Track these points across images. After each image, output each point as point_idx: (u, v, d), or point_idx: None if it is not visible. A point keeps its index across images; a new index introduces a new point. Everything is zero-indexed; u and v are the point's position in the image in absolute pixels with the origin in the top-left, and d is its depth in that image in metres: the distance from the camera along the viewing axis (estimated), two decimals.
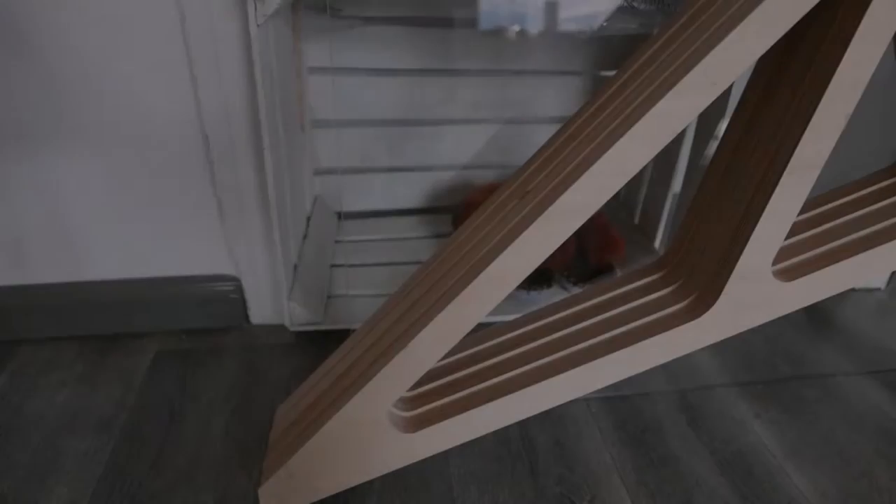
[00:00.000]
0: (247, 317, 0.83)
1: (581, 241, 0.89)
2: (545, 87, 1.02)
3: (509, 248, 0.43)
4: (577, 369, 0.50)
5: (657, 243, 0.96)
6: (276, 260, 0.74)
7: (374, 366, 0.48)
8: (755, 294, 0.49)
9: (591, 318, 0.54)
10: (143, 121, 0.68)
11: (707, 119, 0.81)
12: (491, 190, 0.53)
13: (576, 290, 0.83)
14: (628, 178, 0.43)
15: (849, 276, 0.50)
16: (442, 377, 0.53)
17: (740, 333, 0.51)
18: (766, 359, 0.79)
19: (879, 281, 1.01)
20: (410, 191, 1.09)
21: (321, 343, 0.80)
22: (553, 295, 0.83)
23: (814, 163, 0.45)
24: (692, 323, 0.49)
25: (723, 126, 0.74)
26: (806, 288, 0.50)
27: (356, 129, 1.03)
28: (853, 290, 0.99)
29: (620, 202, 1.09)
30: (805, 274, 0.49)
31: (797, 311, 0.51)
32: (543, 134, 0.49)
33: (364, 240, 1.02)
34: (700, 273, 0.52)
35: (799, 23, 0.41)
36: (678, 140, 0.86)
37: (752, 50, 0.40)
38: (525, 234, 0.43)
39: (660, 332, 0.50)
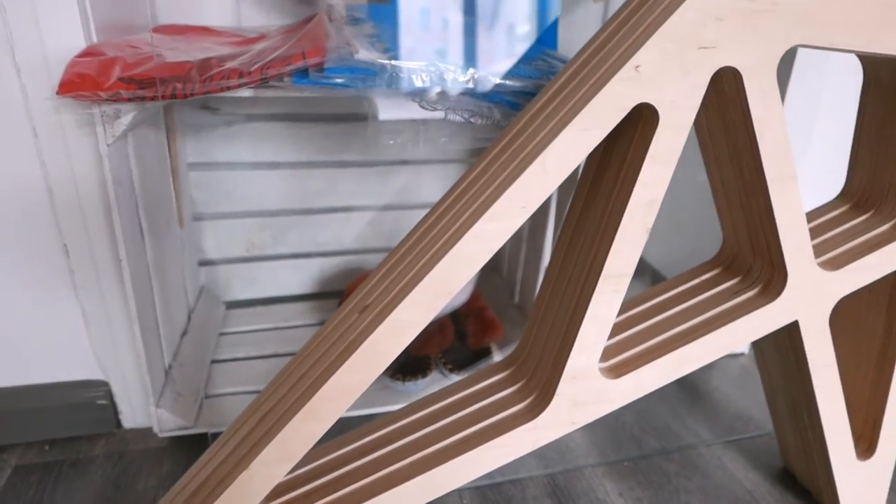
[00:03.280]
0: (118, 422, 0.80)
1: (459, 325, 0.91)
2: (424, 174, 1.06)
3: (344, 366, 0.45)
4: (430, 472, 0.51)
5: None
6: (141, 366, 0.73)
7: (219, 486, 0.48)
8: (586, 392, 0.52)
9: (444, 418, 0.56)
10: (1, 231, 0.66)
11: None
12: None
13: (454, 377, 0.85)
14: (452, 295, 0.46)
15: (672, 369, 0.54)
16: (296, 489, 0.53)
17: None
18: (634, 434, 0.83)
19: (743, 346, 1.08)
20: (298, 277, 1.10)
21: (195, 446, 0.77)
22: (431, 383, 0.84)
23: (624, 271, 0.49)
24: (531, 423, 0.52)
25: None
26: (633, 383, 0.53)
27: (241, 219, 1.03)
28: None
29: (504, 281, 1.13)
30: (631, 370, 0.53)
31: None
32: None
33: (250, 330, 1.01)
34: (540, 372, 0.55)
35: (607, 143, 0.46)
36: (543, 215, 0.90)
37: (554, 178, 0.45)
38: (359, 351, 0.45)
39: (505, 433, 0.52)
